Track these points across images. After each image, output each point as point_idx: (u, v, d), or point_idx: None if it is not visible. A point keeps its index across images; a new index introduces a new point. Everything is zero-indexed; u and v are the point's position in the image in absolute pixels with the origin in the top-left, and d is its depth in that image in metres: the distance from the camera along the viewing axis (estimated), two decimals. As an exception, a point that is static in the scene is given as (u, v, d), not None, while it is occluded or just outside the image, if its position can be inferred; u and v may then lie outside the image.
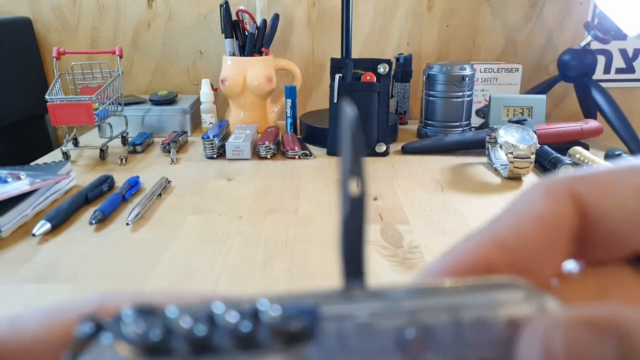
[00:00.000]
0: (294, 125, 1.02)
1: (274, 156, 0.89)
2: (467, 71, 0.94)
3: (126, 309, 0.14)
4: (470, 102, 0.97)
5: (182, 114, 1.03)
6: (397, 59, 1.09)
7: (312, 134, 0.97)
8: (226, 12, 1.01)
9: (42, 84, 1.15)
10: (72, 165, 0.85)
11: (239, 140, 0.88)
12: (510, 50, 1.16)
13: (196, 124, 1.09)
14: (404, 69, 1.08)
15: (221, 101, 1.17)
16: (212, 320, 0.14)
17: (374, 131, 0.88)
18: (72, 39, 1.16)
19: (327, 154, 0.91)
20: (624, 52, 1.14)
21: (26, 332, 0.15)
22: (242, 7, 1.05)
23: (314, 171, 0.82)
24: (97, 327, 0.14)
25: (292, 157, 0.88)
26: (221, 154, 0.89)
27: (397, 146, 0.93)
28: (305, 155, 0.88)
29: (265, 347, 0.14)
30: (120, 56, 0.93)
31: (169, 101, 1.05)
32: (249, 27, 1.02)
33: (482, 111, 1.06)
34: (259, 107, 1.05)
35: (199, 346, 0.14)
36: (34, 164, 0.82)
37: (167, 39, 1.16)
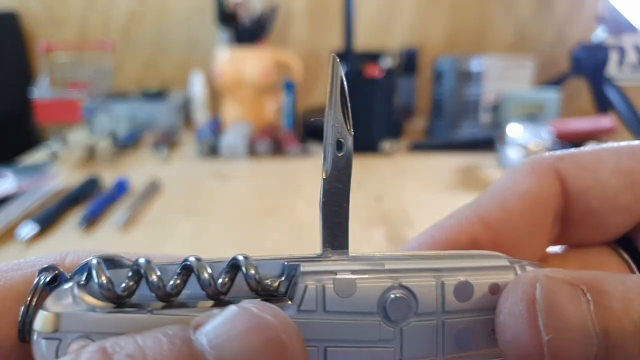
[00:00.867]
0: (292, 121, 0.99)
1: (271, 155, 0.86)
2: (477, 66, 0.91)
3: (92, 259, 0.14)
4: (479, 98, 0.94)
5: (174, 109, 1.01)
6: (402, 52, 1.05)
7: (311, 131, 0.94)
8: (221, 2, 0.98)
9: (29, 80, 1.11)
10: (60, 164, 0.82)
11: (234, 137, 0.86)
12: (520, 43, 1.13)
13: (189, 120, 1.06)
14: (409, 62, 1.05)
15: (216, 96, 1.14)
16: (183, 273, 0.14)
17: (377, 128, 0.85)
18: (60, 32, 1.12)
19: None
20: (639, 49, 1.11)
21: None
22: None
23: (313, 170, 0.79)
24: (56, 277, 0.14)
25: (291, 156, 0.86)
26: (215, 152, 0.86)
27: (401, 144, 0.90)
28: (304, 153, 0.86)
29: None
30: (110, 50, 0.90)
31: (160, 96, 1.03)
32: (245, 18, 0.99)
33: (492, 108, 1.04)
34: (256, 103, 1.02)
35: (167, 297, 0.13)
36: (21, 165, 0.80)
37: (158, 31, 1.12)
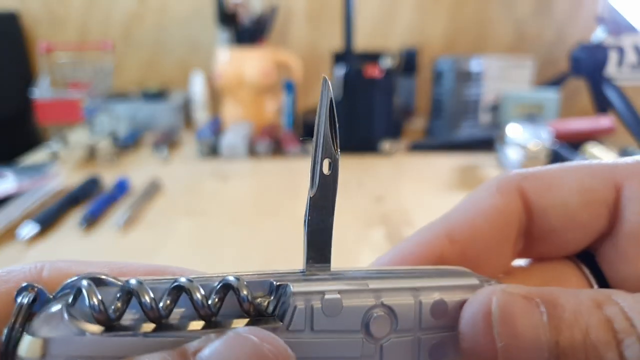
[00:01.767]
0: (292, 121, 0.98)
1: (271, 155, 0.86)
2: (477, 66, 0.91)
3: (80, 280, 0.13)
4: (479, 98, 0.93)
5: (174, 109, 1.01)
6: (402, 52, 1.05)
7: (312, 131, 0.93)
8: (221, 2, 0.98)
9: (29, 80, 1.11)
10: (60, 164, 0.82)
11: (234, 137, 0.85)
12: (519, 43, 1.13)
13: (189, 120, 1.06)
14: (408, 62, 1.05)
15: (216, 96, 1.14)
16: (174, 293, 0.13)
17: (377, 128, 0.84)
18: (60, 32, 1.12)
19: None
20: (638, 49, 1.11)
21: None
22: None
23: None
24: (36, 297, 0.13)
25: (291, 156, 0.85)
26: (215, 152, 0.86)
27: (401, 144, 0.90)
28: (304, 153, 0.85)
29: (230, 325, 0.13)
30: (110, 50, 0.89)
31: (160, 96, 1.02)
32: (245, 18, 0.98)
33: (492, 108, 1.03)
34: (256, 103, 1.02)
35: (159, 320, 0.13)
36: (21, 165, 0.79)
37: (159, 31, 1.12)
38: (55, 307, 0.13)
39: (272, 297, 0.14)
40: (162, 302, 0.13)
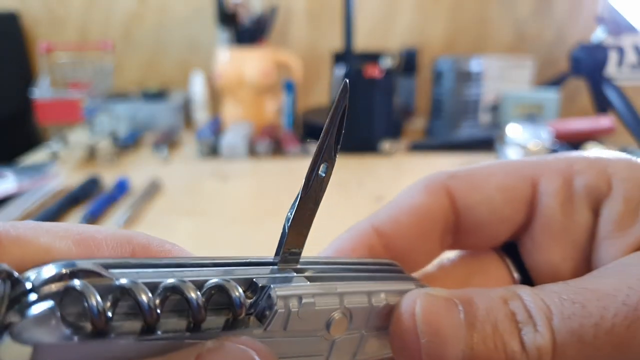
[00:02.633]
0: (292, 121, 0.98)
1: (271, 155, 0.86)
2: (477, 66, 0.91)
3: (74, 281, 0.12)
4: (479, 98, 0.93)
5: (174, 109, 1.00)
6: (402, 52, 1.05)
7: (312, 131, 0.94)
8: (221, 2, 0.98)
9: (29, 80, 1.11)
10: (60, 164, 0.82)
11: (234, 137, 0.85)
12: (519, 43, 1.12)
13: (189, 120, 1.06)
14: (408, 62, 1.05)
15: (216, 96, 1.14)
16: (165, 294, 0.13)
17: (377, 128, 0.84)
18: (60, 32, 1.12)
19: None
20: (638, 49, 1.11)
21: None
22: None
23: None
24: (13, 284, 0.12)
25: (291, 156, 0.85)
26: (215, 152, 0.86)
27: (401, 144, 0.90)
28: (304, 153, 0.85)
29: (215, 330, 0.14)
30: (110, 50, 0.89)
31: (160, 96, 1.02)
32: (245, 18, 0.98)
33: (492, 108, 1.03)
34: (256, 103, 1.02)
35: (154, 322, 0.13)
36: (21, 165, 0.79)
37: (159, 31, 1.12)
38: (44, 306, 0.11)
39: (254, 298, 0.15)
40: (154, 302, 0.13)
